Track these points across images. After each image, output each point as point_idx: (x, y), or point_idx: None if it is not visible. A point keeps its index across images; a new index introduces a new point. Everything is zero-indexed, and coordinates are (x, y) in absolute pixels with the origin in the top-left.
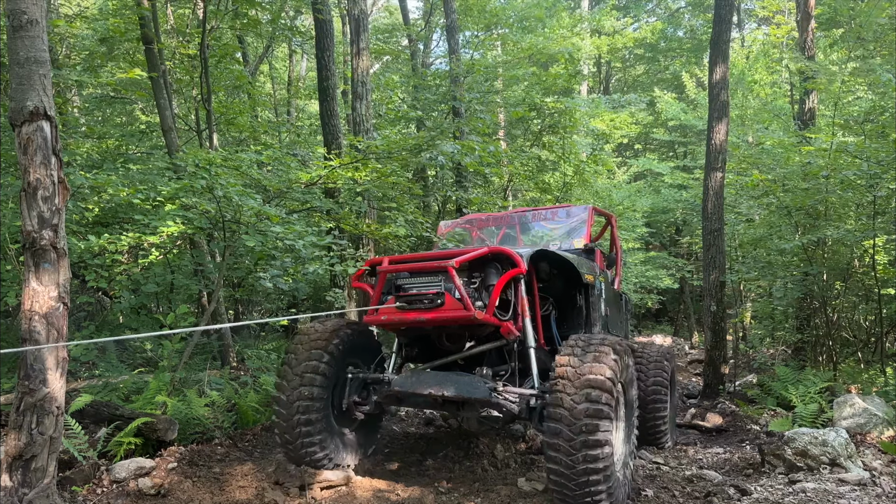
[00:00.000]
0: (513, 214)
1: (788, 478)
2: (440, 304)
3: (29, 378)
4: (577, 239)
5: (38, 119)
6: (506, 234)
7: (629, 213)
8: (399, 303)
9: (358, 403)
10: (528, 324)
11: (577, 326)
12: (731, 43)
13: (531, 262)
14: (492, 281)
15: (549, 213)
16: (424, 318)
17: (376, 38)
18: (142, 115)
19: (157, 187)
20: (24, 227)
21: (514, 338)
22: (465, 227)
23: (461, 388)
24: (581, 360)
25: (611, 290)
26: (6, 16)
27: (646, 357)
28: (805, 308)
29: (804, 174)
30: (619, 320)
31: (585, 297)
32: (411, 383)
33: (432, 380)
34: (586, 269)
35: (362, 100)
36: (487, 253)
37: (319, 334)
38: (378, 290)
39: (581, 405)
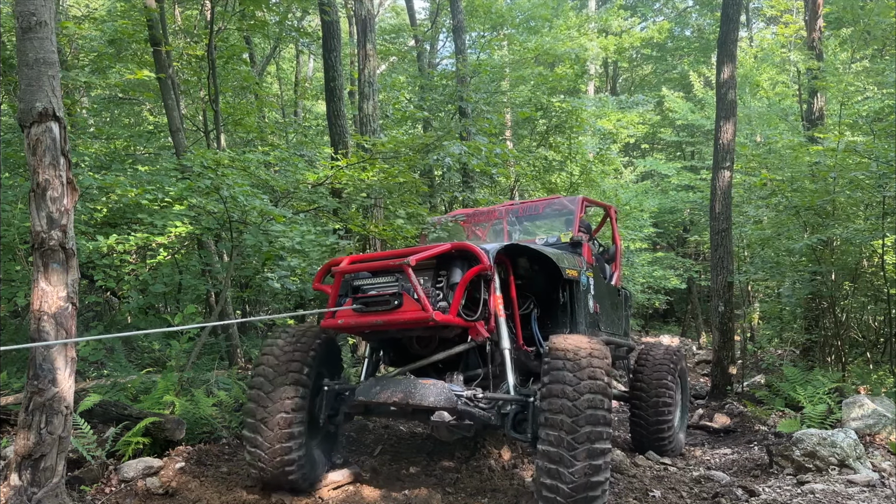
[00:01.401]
0: (500, 209)
1: (797, 479)
2: (397, 305)
3: (38, 378)
4: (565, 232)
5: (46, 120)
6: (493, 229)
7: (636, 213)
8: (356, 305)
9: (330, 416)
10: (501, 324)
11: (560, 325)
12: (739, 42)
13: (508, 257)
14: (456, 279)
15: (538, 206)
16: (381, 320)
17: (383, 38)
18: (149, 116)
19: (165, 188)
20: (34, 228)
21: (482, 339)
22: (454, 223)
23: (426, 396)
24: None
25: (603, 284)
26: (15, 17)
27: (651, 358)
28: (813, 308)
29: (812, 174)
30: (616, 317)
31: (570, 294)
32: (375, 392)
33: (397, 388)
34: (569, 264)
35: (369, 100)
36: (451, 249)
37: (298, 342)
38: (334, 291)
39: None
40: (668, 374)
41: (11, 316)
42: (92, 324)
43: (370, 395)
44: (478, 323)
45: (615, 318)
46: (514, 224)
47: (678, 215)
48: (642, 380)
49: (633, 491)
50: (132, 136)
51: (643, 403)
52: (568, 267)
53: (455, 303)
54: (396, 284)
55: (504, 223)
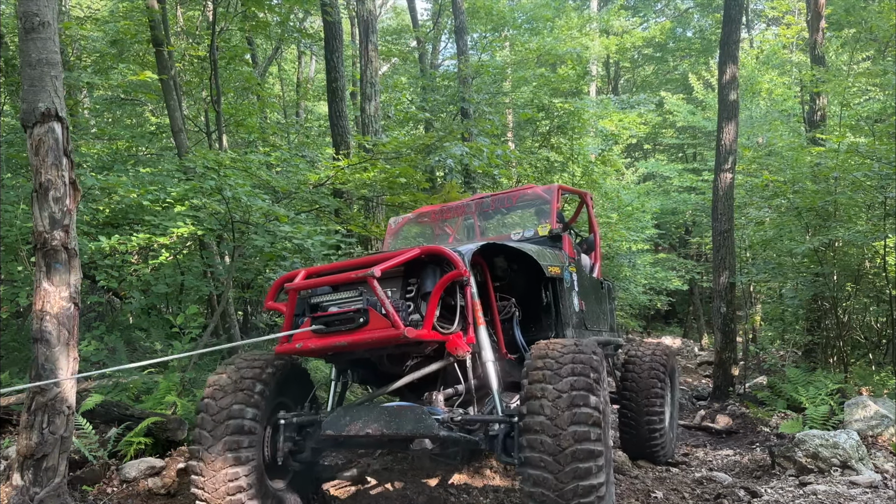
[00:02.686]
0: (470, 202)
1: (799, 480)
2: (363, 323)
3: (40, 378)
4: (542, 225)
5: (49, 120)
6: (464, 225)
7: (638, 214)
8: (315, 325)
9: (293, 452)
10: (482, 333)
11: (545, 328)
12: (741, 43)
13: (483, 257)
14: (429, 288)
15: (511, 197)
16: (345, 341)
17: (384, 39)
18: (151, 117)
19: (167, 189)
20: (36, 228)
21: (462, 354)
22: (421, 221)
23: (402, 424)
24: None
25: (587, 279)
26: (18, 18)
27: (638, 359)
28: (815, 310)
29: (814, 175)
30: (601, 312)
31: (553, 293)
32: (344, 424)
33: (369, 416)
34: (550, 260)
35: (371, 101)
36: (420, 254)
37: (243, 379)
38: (289, 311)
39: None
40: (658, 377)
41: (14, 316)
42: (94, 324)
43: (339, 428)
44: (455, 335)
45: (600, 314)
46: (486, 218)
47: (680, 216)
48: (631, 383)
49: (636, 492)
50: (134, 137)
51: (632, 406)
52: (550, 264)
53: (429, 315)
54: (361, 299)
55: (475, 218)
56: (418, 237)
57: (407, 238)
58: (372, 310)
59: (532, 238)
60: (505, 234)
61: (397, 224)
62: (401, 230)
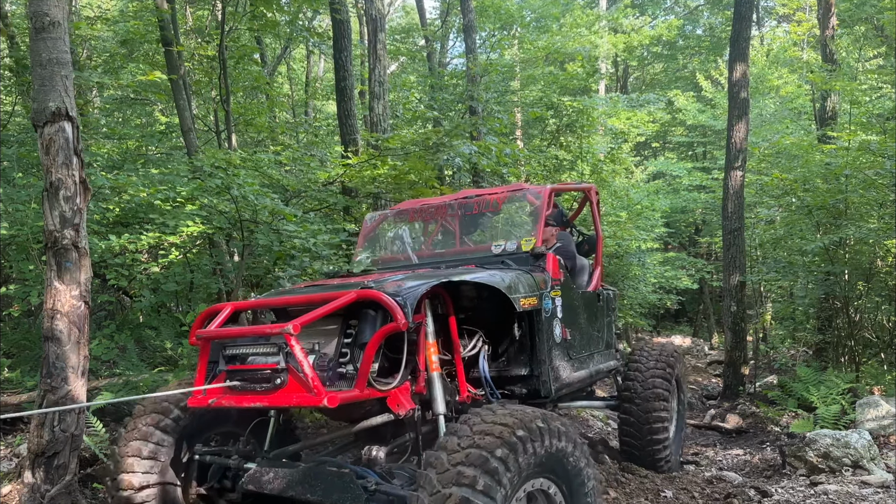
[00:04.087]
0: (452, 202)
1: (810, 480)
2: (281, 384)
3: (51, 376)
4: (527, 239)
5: (59, 120)
6: (443, 231)
7: (647, 213)
8: (231, 381)
9: (224, 490)
10: (435, 382)
11: (518, 363)
12: (751, 41)
13: (446, 289)
14: (366, 337)
15: (496, 199)
16: (262, 403)
17: (393, 38)
18: (161, 117)
19: (177, 188)
20: (47, 227)
21: (404, 413)
22: (399, 219)
23: (327, 492)
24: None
25: (577, 298)
26: (29, 18)
27: (641, 362)
28: (826, 308)
29: (825, 174)
30: (596, 330)
31: (530, 325)
32: (266, 481)
33: (292, 476)
34: (525, 290)
35: (380, 100)
36: (356, 299)
37: (147, 424)
38: (202, 362)
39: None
40: (663, 383)
41: (25, 315)
42: (104, 323)
43: (260, 485)
44: (399, 390)
45: (594, 333)
46: (469, 223)
47: (690, 215)
48: (632, 389)
49: (645, 491)
50: (144, 137)
51: (633, 413)
52: (524, 295)
53: (362, 373)
54: (279, 355)
55: (455, 223)
56: (395, 239)
57: (383, 238)
58: (292, 369)
59: (514, 253)
60: (486, 245)
61: (374, 221)
62: (378, 228)
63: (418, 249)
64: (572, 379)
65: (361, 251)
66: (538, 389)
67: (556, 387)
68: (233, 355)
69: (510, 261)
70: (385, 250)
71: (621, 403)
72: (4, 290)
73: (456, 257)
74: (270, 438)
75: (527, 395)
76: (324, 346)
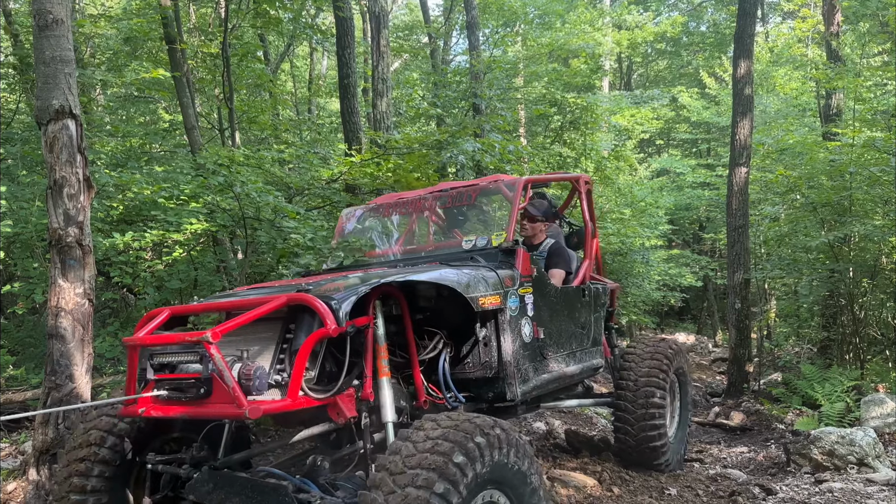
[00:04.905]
0: (427, 195)
1: (815, 477)
2: (204, 394)
3: (55, 373)
4: (498, 233)
5: (63, 117)
6: (417, 226)
7: (651, 210)
8: (158, 390)
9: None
10: (384, 388)
11: (483, 366)
12: (755, 37)
13: (401, 289)
14: (300, 344)
15: (471, 192)
16: (186, 413)
17: (396, 35)
18: (164, 114)
19: (181, 186)
20: (51, 225)
21: (344, 422)
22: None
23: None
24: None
25: (554, 294)
26: (32, 15)
27: (636, 356)
28: (831, 306)
29: (830, 171)
30: (576, 329)
31: (495, 325)
32: (206, 491)
33: (231, 487)
34: (486, 289)
35: (383, 97)
36: (287, 303)
37: (85, 441)
38: (131, 369)
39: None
40: (659, 378)
41: (30, 313)
42: (108, 320)
43: (201, 495)
44: (341, 397)
45: (576, 331)
46: (446, 216)
47: (694, 212)
48: (626, 385)
49: (649, 489)
50: (148, 134)
51: (628, 408)
52: (483, 294)
53: (293, 380)
54: (202, 364)
55: (429, 217)
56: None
57: (358, 234)
58: (216, 378)
59: (484, 249)
60: (458, 240)
61: (349, 217)
62: (353, 224)
63: (392, 246)
64: (544, 380)
65: (336, 248)
66: (504, 392)
67: (523, 389)
68: (162, 363)
69: (480, 256)
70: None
71: (615, 402)
72: (9, 288)
73: (428, 254)
74: (225, 444)
75: (493, 399)
76: (259, 353)
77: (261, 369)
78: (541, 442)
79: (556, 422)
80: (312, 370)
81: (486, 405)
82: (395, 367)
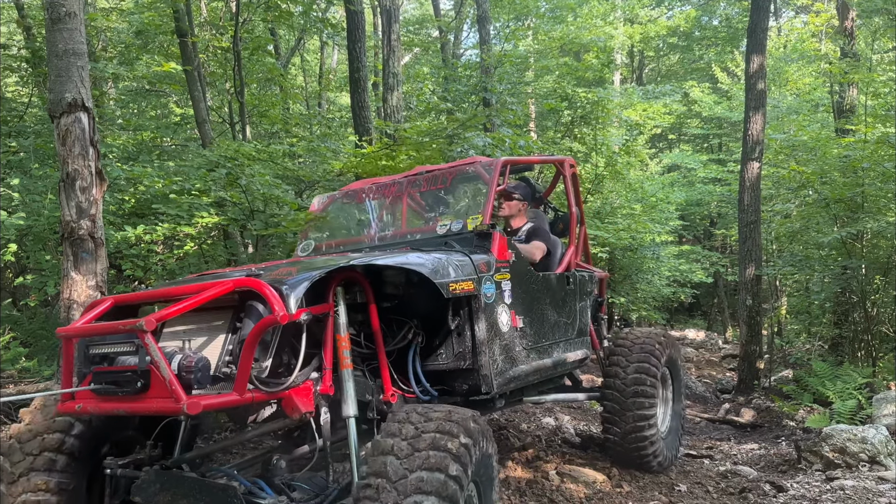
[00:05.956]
0: (402, 180)
1: (826, 475)
2: (140, 388)
3: None
4: (473, 217)
5: (76, 110)
6: (391, 211)
7: (662, 206)
8: (95, 384)
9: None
10: (346, 380)
11: (456, 356)
12: (768, 32)
13: (365, 275)
14: (246, 333)
15: (446, 176)
16: (123, 409)
17: (406, 29)
18: (175, 108)
19: (192, 180)
20: (63, 217)
21: (299, 417)
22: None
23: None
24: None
25: (535, 281)
26: (45, 8)
27: (625, 347)
28: (843, 303)
29: (842, 166)
30: (563, 315)
31: (468, 313)
32: (153, 492)
33: (179, 488)
34: (458, 274)
35: (394, 91)
36: (233, 288)
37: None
38: (66, 363)
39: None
40: (648, 370)
41: (42, 305)
42: None
43: (147, 497)
44: (295, 390)
45: (560, 320)
46: (420, 200)
47: (705, 208)
48: (614, 377)
49: (659, 485)
50: (159, 128)
51: (615, 403)
52: (454, 279)
53: (241, 373)
54: (139, 355)
55: (403, 202)
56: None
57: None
58: (154, 371)
59: (459, 233)
60: (433, 226)
61: (321, 204)
62: (326, 212)
63: (364, 232)
64: (522, 372)
65: (308, 236)
66: (479, 385)
67: (499, 381)
68: (99, 355)
69: (454, 241)
70: (331, 234)
71: (603, 395)
72: (21, 281)
73: (400, 240)
74: (181, 442)
75: (468, 392)
76: (207, 345)
77: (203, 360)
78: (549, 437)
79: (566, 417)
80: (264, 361)
81: (461, 399)
82: (362, 358)
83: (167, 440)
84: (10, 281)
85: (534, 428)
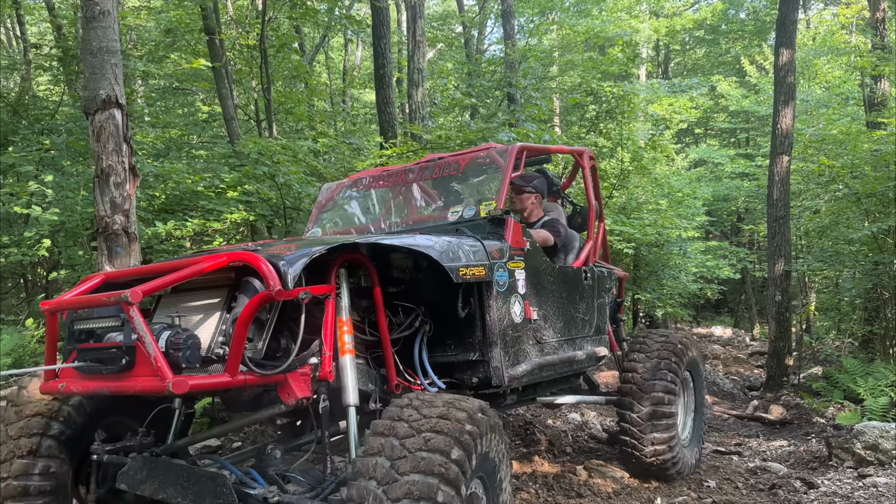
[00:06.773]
0: (413, 168)
1: (858, 472)
2: (125, 365)
3: None
4: (486, 203)
5: (110, 107)
6: (401, 199)
7: (689, 201)
8: (79, 361)
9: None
10: (347, 368)
11: (466, 347)
12: (797, 24)
13: (371, 257)
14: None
15: (459, 162)
16: (107, 388)
17: (430, 25)
18: (202, 106)
19: (220, 175)
20: (98, 213)
21: (294, 403)
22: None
23: (199, 497)
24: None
25: (550, 273)
26: (80, 7)
27: (644, 349)
28: (874, 299)
29: (874, 160)
30: (580, 311)
31: (479, 301)
32: (139, 479)
33: (166, 476)
34: (470, 259)
35: (418, 87)
36: (227, 262)
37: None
38: (50, 338)
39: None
40: (668, 373)
41: None
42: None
43: (133, 484)
44: (292, 375)
45: (577, 316)
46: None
47: (732, 203)
48: (631, 381)
49: (688, 481)
50: (187, 125)
51: (633, 406)
52: (465, 264)
53: (233, 353)
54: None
55: (414, 189)
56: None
57: (338, 211)
58: (140, 347)
59: (472, 220)
60: (445, 213)
61: (330, 192)
62: (334, 200)
63: (373, 221)
64: (536, 366)
65: (314, 226)
66: (490, 377)
67: (510, 375)
68: (85, 331)
69: (466, 228)
70: (339, 223)
71: (619, 399)
72: (55, 276)
73: (410, 227)
74: (175, 429)
75: (478, 385)
76: (201, 323)
77: (193, 338)
78: (575, 433)
79: (591, 413)
80: (259, 342)
81: (470, 392)
82: (366, 346)
83: (162, 427)
84: (43, 276)
85: (560, 423)
